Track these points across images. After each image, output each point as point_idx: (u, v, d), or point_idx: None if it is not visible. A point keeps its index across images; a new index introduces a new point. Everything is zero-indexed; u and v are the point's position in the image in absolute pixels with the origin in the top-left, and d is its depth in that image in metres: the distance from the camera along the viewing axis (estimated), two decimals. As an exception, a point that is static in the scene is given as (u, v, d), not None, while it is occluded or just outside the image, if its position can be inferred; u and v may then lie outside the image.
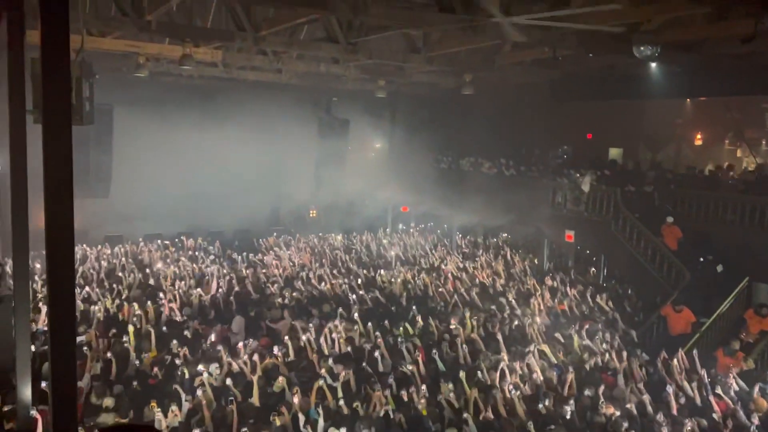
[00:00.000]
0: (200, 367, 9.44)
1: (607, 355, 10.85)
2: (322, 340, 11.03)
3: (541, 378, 9.83)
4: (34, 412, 7.23)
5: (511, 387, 9.23)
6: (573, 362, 10.51)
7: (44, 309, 10.88)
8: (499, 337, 11.31)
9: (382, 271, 16.13)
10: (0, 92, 11.18)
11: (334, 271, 16.09)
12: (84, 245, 16.74)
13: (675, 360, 10.45)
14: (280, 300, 13.35)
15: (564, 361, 10.69)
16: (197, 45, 13.42)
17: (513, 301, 13.78)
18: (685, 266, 13.96)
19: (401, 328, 12.01)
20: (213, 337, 11.11)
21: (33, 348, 8.56)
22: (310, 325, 11.71)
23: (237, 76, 18.29)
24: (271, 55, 15.30)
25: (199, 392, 8.75)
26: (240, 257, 17.14)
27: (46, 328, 9.82)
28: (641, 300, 14.69)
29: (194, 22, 12.90)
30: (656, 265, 14.55)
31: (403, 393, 9.09)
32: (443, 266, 17.07)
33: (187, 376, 9.36)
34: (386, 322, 12.18)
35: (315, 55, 15.31)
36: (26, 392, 6.86)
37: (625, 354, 10.78)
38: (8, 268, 10.48)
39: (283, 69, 17.39)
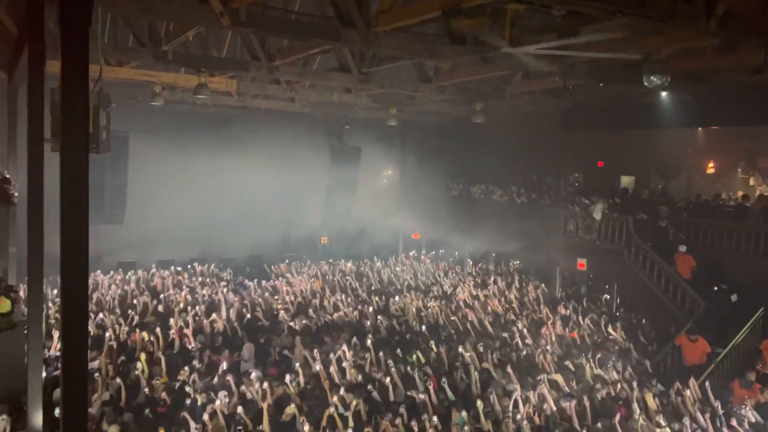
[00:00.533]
0: (211, 395, 9.43)
1: (619, 385, 10.71)
2: (333, 368, 10.97)
3: (554, 408, 9.70)
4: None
5: (519, 417, 9.13)
6: (585, 392, 10.36)
7: (56, 335, 10.94)
8: (510, 367, 11.20)
9: (397, 298, 16.09)
10: (19, 122, 11.41)
11: (346, 298, 16.06)
12: (98, 271, 16.85)
13: (687, 391, 10.29)
14: (291, 324, 13.35)
15: (576, 390, 10.56)
16: (212, 75, 13.65)
17: (525, 329, 13.67)
18: (699, 296, 13.81)
19: (414, 357, 11.93)
20: (224, 365, 11.06)
21: (44, 373, 8.61)
22: (315, 351, 11.64)
23: (251, 104, 18.55)
24: (285, 84, 15.53)
25: (205, 416, 8.73)
26: (252, 283, 17.17)
27: (58, 354, 9.87)
28: (655, 329, 14.52)
29: (209, 52, 13.15)
30: (670, 294, 14.40)
31: (414, 423, 9.00)
32: (455, 294, 17.01)
33: (199, 402, 9.35)
34: (398, 350, 12.11)
35: (328, 84, 15.52)
36: (37, 418, 6.89)
37: (638, 384, 10.62)
38: (22, 294, 10.59)
39: (297, 98, 17.65)
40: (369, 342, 12.09)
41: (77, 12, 3.77)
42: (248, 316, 13.98)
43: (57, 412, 7.88)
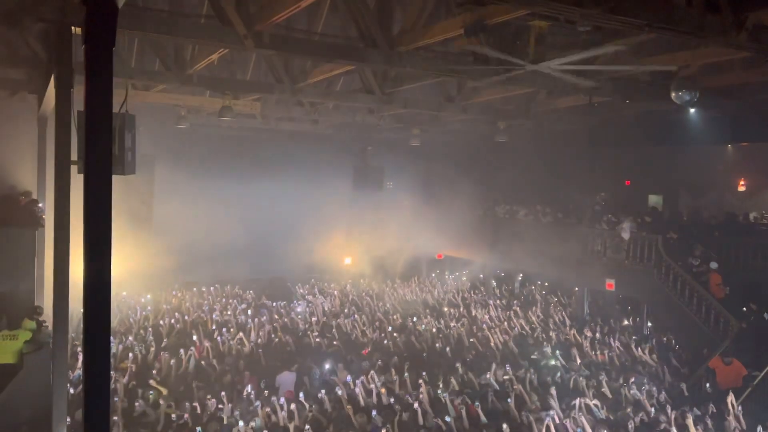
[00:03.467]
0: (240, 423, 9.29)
1: (653, 409, 10.36)
2: (360, 390, 10.80)
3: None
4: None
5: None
6: (620, 417, 10.04)
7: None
8: (544, 389, 10.94)
9: (416, 319, 15.91)
10: (48, 145, 11.60)
11: (369, 319, 15.94)
12: (123, 292, 16.97)
13: (729, 416, 9.92)
14: (322, 347, 13.27)
15: (609, 417, 10.23)
16: (237, 97, 13.79)
17: (554, 351, 13.38)
18: (732, 316, 13.41)
19: (441, 381, 11.69)
20: (249, 388, 10.83)
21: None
22: (348, 376, 11.49)
23: (275, 127, 18.70)
24: (308, 106, 15.63)
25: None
26: (275, 305, 17.14)
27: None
28: (687, 351, 14.12)
29: (234, 75, 13.29)
30: (702, 314, 14.02)
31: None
32: (480, 315, 16.76)
33: (225, 422, 9.28)
34: (423, 373, 11.89)
35: (351, 105, 15.57)
36: (61, 437, 6.88)
37: (673, 408, 10.27)
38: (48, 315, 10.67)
39: (320, 119, 17.73)
40: (397, 364, 11.94)
41: (101, 32, 3.78)
42: (276, 339, 13.89)
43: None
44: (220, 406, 9.98)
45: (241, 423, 9.13)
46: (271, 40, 8.42)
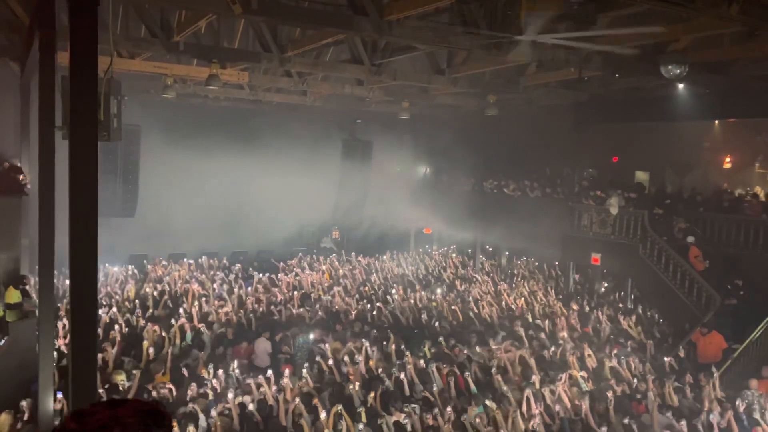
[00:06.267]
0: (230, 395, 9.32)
1: (635, 380, 10.55)
2: (347, 359, 10.90)
3: (569, 405, 9.55)
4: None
5: (535, 413, 9.02)
6: (602, 389, 10.20)
7: (61, 326, 10.85)
8: (531, 362, 11.09)
9: (395, 294, 15.99)
10: (31, 113, 11.41)
11: (354, 292, 16.01)
12: (106, 264, 16.83)
13: (707, 387, 10.12)
14: (305, 318, 13.33)
15: (592, 388, 10.39)
16: (224, 66, 13.57)
17: (539, 324, 13.53)
18: (716, 291, 13.60)
19: (425, 349, 11.82)
20: (235, 363, 10.88)
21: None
22: (325, 346, 11.59)
23: (263, 98, 18.47)
24: (297, 76, 15.43)
25: (214, 412, 8.67)
26: (260, 277, 17.15)
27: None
28: (669, 325, 14.34)
29: (221, 43, 13.08)
30: (685, 289, 14.21)
31: (428, 416, 8.91)
32: (467, 288, 16.88)
33: (211, 396, 9.31)
34: (402, 346, 11.99)
35: (340, 76, 15.40)
36: (48, 404, 6.89)
37: (655, 380, 10.46)
38: (34, 284, 10.60)
39: (308, 91, 17.54)
40: (379, 336, 12.03)
41: (85, -10, 3.69)
42: (261, 309, 13.92)
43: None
44: (206, 381, 10.01)
45: (230, 395, 9.18)
46: (259, 5, 8.27)
